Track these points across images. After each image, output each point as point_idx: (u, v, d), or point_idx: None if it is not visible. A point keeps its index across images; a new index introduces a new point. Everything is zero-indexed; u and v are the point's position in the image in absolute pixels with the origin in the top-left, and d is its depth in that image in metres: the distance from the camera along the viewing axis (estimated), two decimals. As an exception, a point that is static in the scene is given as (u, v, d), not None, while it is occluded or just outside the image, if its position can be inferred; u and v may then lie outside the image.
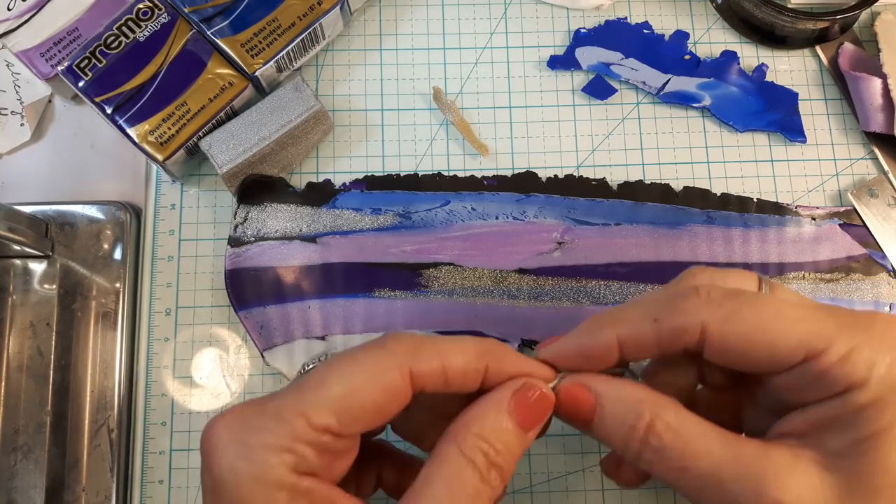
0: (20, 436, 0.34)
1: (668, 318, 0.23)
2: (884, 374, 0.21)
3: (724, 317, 0.23)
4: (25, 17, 0.37)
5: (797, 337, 0.22)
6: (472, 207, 0.37)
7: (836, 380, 0.22)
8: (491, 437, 0.23)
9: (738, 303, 0.23)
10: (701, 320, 0.23)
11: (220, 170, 0.35)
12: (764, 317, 0.22)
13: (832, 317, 0.23)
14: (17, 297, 0.35)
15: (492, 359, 0.24)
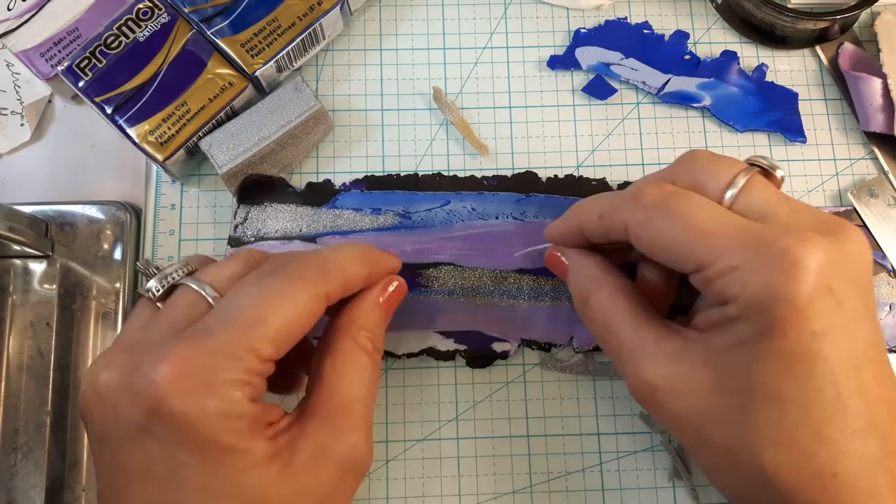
0: (20, 436, 0.34)
1: (607, 217, 0.28)
2: (754, 294, 0.24)
3: (641, 221, 0.27)
4: (25, 17, 0.37)
5: (692, 248, 0.25)
6: (472, 207, 0.37)
7: (716, 291, 0.25)
8: (372, 326, 0.29)
9: (658, 211, 0.26)
10: (625, 221, 0.27)
11: (220, 170, 0.35)
12: (672, 227, 0.26)
13: (736, 234, 0.25)
14: (17, 297, 0.35)
15: (372, 264, 0.29)
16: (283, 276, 0.26)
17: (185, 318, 0.26)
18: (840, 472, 0.24)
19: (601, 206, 0.29)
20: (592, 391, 0.36)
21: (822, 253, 0.24)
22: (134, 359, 0.24)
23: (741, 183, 0.27)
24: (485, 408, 0.36)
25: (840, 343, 0.24)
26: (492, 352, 0.35)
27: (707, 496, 0.35)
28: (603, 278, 0.29)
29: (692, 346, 0.26)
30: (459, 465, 0.35)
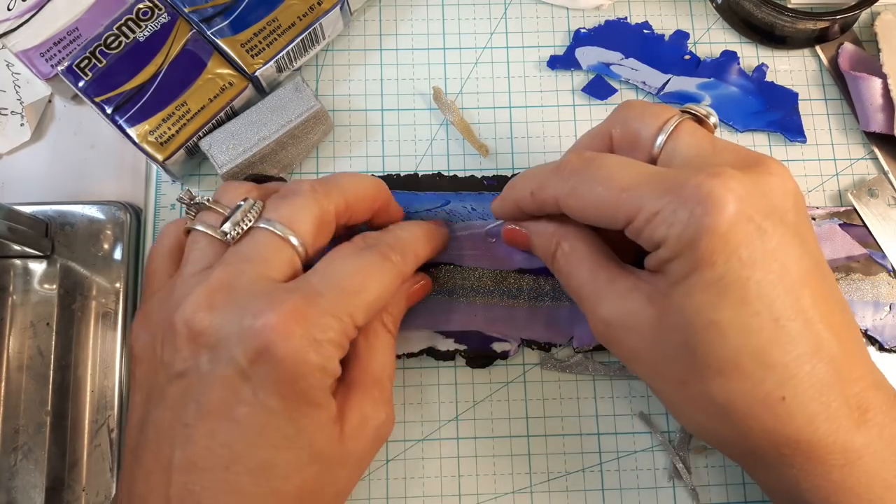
0: (20, 436, 0.34)
1: (537, 192, 0.29)
2: (679, 232, 0.25)
3: (568, 192, 0.28)
4: (25, 17, 0.37)
5: (616, 205, 0.26)
6: (472, 207, 0.37)
7: (646, 239, 0.26)
8: (396, 313, 0.32)
9: (579, 179, 0.27)
10: (554, 195, 0.28)
11: (220, 170, 0.35)
12: (595, 190, 0.27)
13: (652, 183, 0.26)
14: (17, 297, 0.35)
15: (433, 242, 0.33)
16: (378, 254, 0.29)
17: (277, 266, 0.27)
18: (789, 396, 0.25)
19: (531, 184, 0.30)
20: (592, 391, 0.36)
21: (736, 184, 0.25)
22: (238, 301, 0.25)
23: (670, 128, 0.28)
24: (485, 408, 0.36)
25: (770, 268, 0.25)
26: (492, 352, 0.35)
27: (707, 496, 0.35)
28: (562, 231, 0.30)
29: (641, 285, 0.27)
30: (459, 464, 0.35)
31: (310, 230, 0.28)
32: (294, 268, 0.28)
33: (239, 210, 0.28)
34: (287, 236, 0.27)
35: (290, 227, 0.27)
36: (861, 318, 0.36)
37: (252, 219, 0.28)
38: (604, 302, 0.28)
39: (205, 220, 0.29)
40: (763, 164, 0.27)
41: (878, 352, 0.36)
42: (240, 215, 0.28)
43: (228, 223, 0.28)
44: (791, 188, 0.27)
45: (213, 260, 0.28)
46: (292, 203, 0.28)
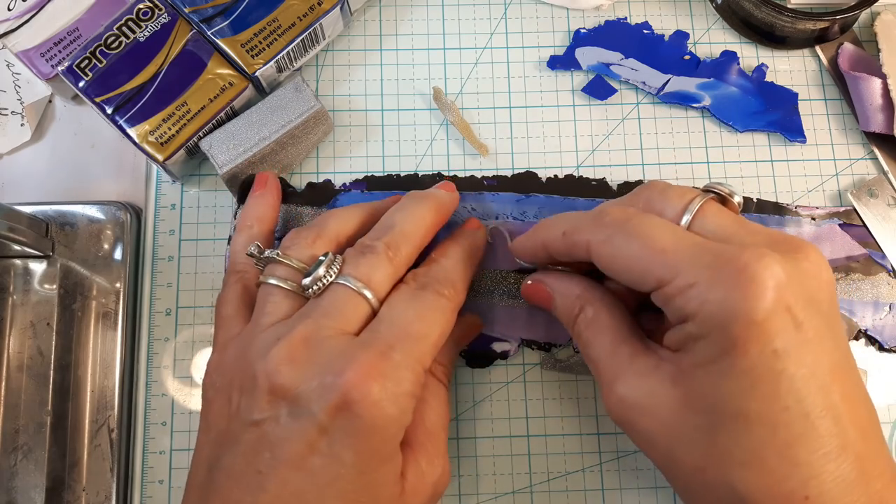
0: (20, 436, 0.34)
1: (570, 234, 0.29)
2: (712, 311, 0.24)
3: (602, 240, 0.27)
4: (26, 17, 0.37)
5: (650, 266, 0.26)
6: (472, 207, 0.37)
7: (675, 309, 0.25)
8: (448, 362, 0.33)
9: (617, 229, 0.27)
10: (587, 240, 0.28)
11: (220, 170, 0.35)
12: (631, 246, 0.26)
13: (694, 251, 0.25)
14: (17, 297, 0.35)
15: None
16: (433, 294, 0.29)
17: (354, 321, 0.28)
18: (813, 496, 0.23)
19: (565, 224, 0.29)
20: (592, 391, 0.36)
21: (778, 269, 0.24)
22: (319, 357, 0.26)
23: (695, 208, 0.27)
24: (485, 408, 0.36)
25: (804, 362, 0.24)
26: (492, 352, 0.35)
27: (707, 496, 0.35)
28: (587, 296, 0.30)
29: (663, 365, 0.26)
30: (459, 464, 0.35)
31: (384, 287, 0.29)
32: (368, 319, 0.29)
33: (321, 265, 0.29)
34: (364, 293, 0.28)
35: (367, 285, 0.28)
36: (861, 319, 0.36)
37: (333, 274, 0.29)
38: (622, 379, 0.27)
39: (276, 274, 0.30)
40: (801, 249, 0.26)
41: (878, 352, 0.36)
42: (322, 271, 0.29)
43: (310, 278, 0.29)
44: (827, 277, 0.26)
45: (288, 312, 0.29)
46: (370, 262, 0.29)
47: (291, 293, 0.29)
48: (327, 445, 0.25)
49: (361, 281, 0.28)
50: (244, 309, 0.31)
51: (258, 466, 0.26)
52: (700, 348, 0.25)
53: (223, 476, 0.26)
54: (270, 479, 0.25)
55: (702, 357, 0.25)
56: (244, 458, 0.26)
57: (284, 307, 0.29)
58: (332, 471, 0.26)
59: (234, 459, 0.26)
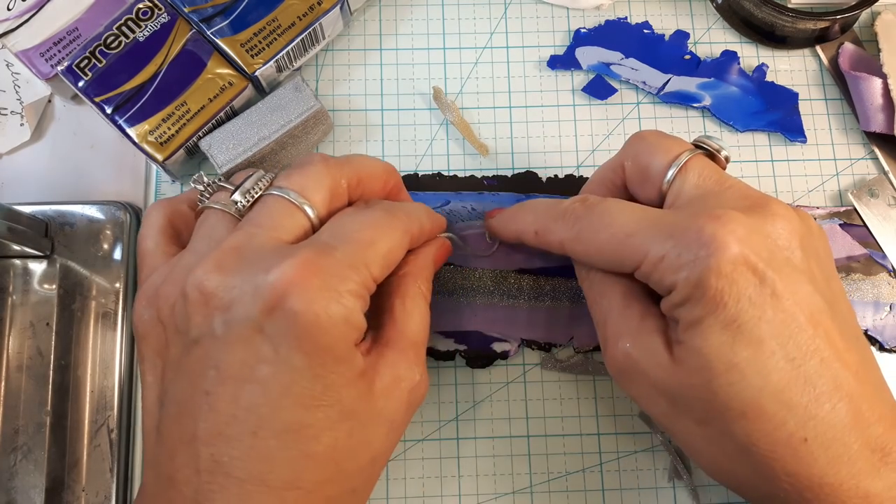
0: (20, 436, 0.34)
1: (542, 235, 0.30)
2: (685, 276, 0.25)
3: (573, 237, 0.29)
4: (25, 16, 0.37)
5: (622, 252, 0.27)
6: (472, 207, 0.37)
7: (657, 284, 0.26)
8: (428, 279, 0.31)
9: (584, 224, 0.28)
10: (559, 239, 0.29)
11: (219, 170, 0.35)
12: (598, 237, 0.28)
13: (655, 227, 0.26)
14: (16, 297, 0.35)
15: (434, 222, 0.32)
16: (382, 211, 0.28)
17: (289, 229, 0.26)
18: (811, 438, 0.24)
19: (535, 224, 0.30)
20: (592, 391, 0.36)
21: (736, 226, 0.25)
22: (250, 261, 0.24)
23: (681, 163, 0.28)
24: (485, 408, 0.36)
25: (780, 308, 0.25)
26: (492, 352, 0.35)
27: (707, 496, 0.35)
28: None
29: (664, 329, 0.27)
30: (459, 465, 0.35)
31: (323, 199, 0.27)
32: (306, 233, 0.27)
33: (248, 179, 0.27)
34: (299, 203, 0.27)
35: (302, 194, 0.27)
36: (861, 319, 0.36)
37: (263, 187, 0.27)
38: (629, 337, 0.28)
39: (218, 200, 0.28)
40: (768, 205, 0.27)
41: (878, 352, 0.36)
42: (250, 184, 0.27)
43: (238, 193, 0.27)
44: (797, 228, 0.26)
45: (224, 234, 0.27)
46: (304, 172, 0.27)
47: (229, 216, 0.27)
48: (272, 351, 0.24)
49: (294, 190, 0.27)
50: (167, 241, 0.29)
51: (204, 387, 0.24)
52: (686, 312, 0.26)
53: (173, 408, 0.25)
54: (220, 398, 0.24)
55: (688, 320, 0.25)
56: (190, 383, 0.24)
57: (220, 229, 0.27)
58: (283, 378, 0.24)
59: (180, 387, 0.25)
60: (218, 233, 0.27)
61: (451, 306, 0.35)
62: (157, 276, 0.27)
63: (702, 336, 0.25)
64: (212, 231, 0.27)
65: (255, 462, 0.24)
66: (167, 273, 0.27)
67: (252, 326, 0.24)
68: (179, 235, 0.30)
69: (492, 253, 0.36)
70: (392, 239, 0.27)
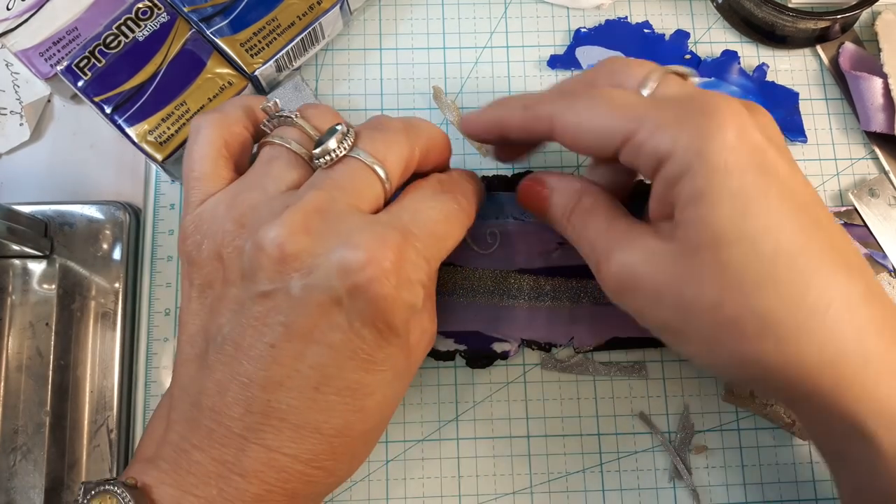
0: (19, 436, 0.34)
1: (531, 107, 0.29)
2: (686, 144, 0.24)
3: (564, 108, 0.28)
4: (25, 16, 0.37)
5: (615, 122, 0.26)
6: (472, 207, 0.36)
7: (649, 155, 0.26)
8: None
9: (579, 97, 0.28)
10: (549, 111, 0.28)
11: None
12: (593, 106, 0.27)
13: (652, 102, 0.26)
14: (16, 297, 0.35)
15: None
16: (454, 201, 0.29)
17: (367, 198, 0.27)
18: (835, 305, 0.24)
19: (525, 98, 0.30)
20: (593, 391, 0.36)
21: (739, 106, 0.25)
22: (335, 229, 0.25)
23: (657, 77, 0.28)
24: (485, 408, 0.35)
25: (786, 182, 0.25)
26: (492, 352, 0.35)
27: (707, 497, 0.34)
28: (586, 188, 0.30)
29: (657, 226, 0.27)
30: (459, 465, 0.35)
31: (398, 168, 0.27)
32: (378, 203, 0.27)
33: (334, 135, 0.27)
34: (377, 170, 0.27)
35: (382, 162, 0.27)
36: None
37: (347, 147, 0.27)
38: (620, 247, 0.27)
39: (290, 136, 0.28)
40: (755, 106, 0.27)
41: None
42: (335, 141, 0.26)
43: (320, 147, 0.27)
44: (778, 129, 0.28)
45: (297, 180, 0.27)
46: (386, 138, 0.27)
47: (301, 160, 0.27)
48: (346, 322, 0.25)
49: (375, 158, 0.27)
50: (224, 164, 0.28)
51: (270, 339, 0.25)
52: (686, 186, 0.25)
53: (229, 347, 0.25)
54: (285, 352, 0.25)
55: (689, 193, 0.25)
56: (253, 330, 0.25)
57: (292, 174, 0.27)
58: (352, 345, 0.25)
59: (241, 331, 0.25)
60: (290, 178, 0.27)
61: (451, 306, 0.35)
62: (219, 205, 0.27)
63: (707, 207, 0.24)
64: (282, 174, 0.27)
65: (313, 413, 0.25)
66: (229, 204, 0.26)
67: (331, 296, 0.24)
68: (235, 159, 0.29)
69: (492, 252, 0.36)
70: (460, 232, 0.29)
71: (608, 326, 0.35)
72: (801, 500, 0.35)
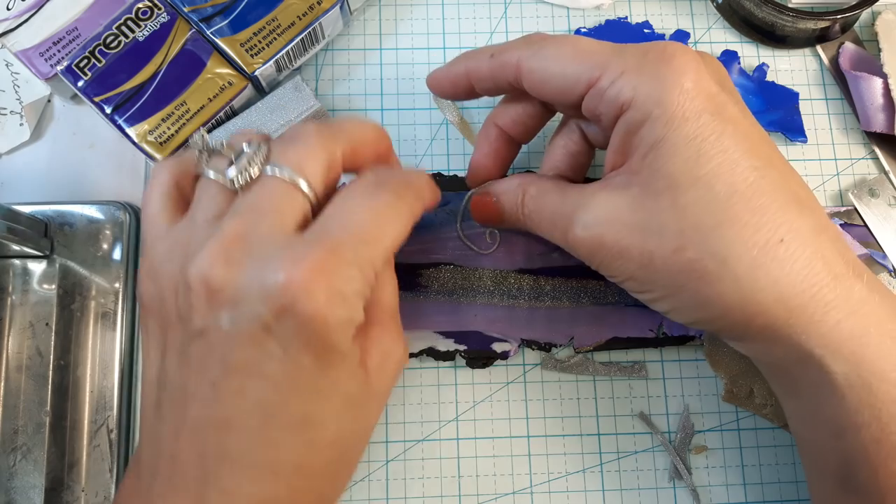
0: (19, 436, 0.34)
1: (499, 55, 0.29)
2: (648, 91, 0.26)
3: (532, 53, 0.28)
4: (25, 16, 0.37)
5: (580, 67, 0.27)
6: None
7: (610, 101, 0.26)
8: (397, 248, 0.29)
9: (546, 42, 0.28)
10: (517, 57, 0.29)
11: (219, 170, 0.35)
12: (560, 52, 0.28)
13: (616, 50, 0.27)
14: (16, 297, 0.35)
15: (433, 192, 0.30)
16: (392, 195, 0.27)
17: (289, 214, 0.25)
18: (787, 239, 0.25)
19: (493, 47, 0.30)
20: (593, 391, 0.36)
21: (695, 54, 0.26)
22: (256, 255, 0.24)
23: None
24: (485, 408, 0.35)
25: (739, 119, 0.26)
26: (492, 352, 0.35)
27: (707, 496, 0.34)
28: (527, 179, 0.31)
29: (611, 181, 0.28)
30: (459, 465, 0.35)
31: (320, 175, 0.26)
32: (306, 215, 0.26)
33: (244, 155, 0.26)
34: (298, 183, 0.25)
35: (300, 173, 0.26)
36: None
37: (259, 163, 0.26)
38: (578, 209, 0.28)
39: (216, 167, 0.27)
40: (706, 55, 0.28)
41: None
42: (245, 161, 0.26)
43: (233, 168, 0.26)
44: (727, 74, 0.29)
45: (224, 208, 0.26)
46: (299, 147, 0.26)
47: (226, 189, 0.26)
48: (280, 349, 0.24)
49: (292, 168, 0.25)
50: (173, 206, 0.28)
51: (210, 378, 0.24)
52: (645, 133, 0.26)
53: (176, 392, 0.25)
54: (226, 390, 0.24)
55: (649, 140, 0.26)
56: (195, 371, 0.24)
57: (220, 202, 0.26)
58: (291, 374, 0.24)
59: (185, 373, 0.25)
60: (216, 207, 0.26)
61: (451, 306, 0.35)
62: (161, 248, 0.27)
63: (665, 154, 0.26)
64: (212, 204, 0.26)
65: (263, 451, 0.24)
66: (170, 246, 0.26)
67: (260, 325, 0.24)
68: (186, 199, 0.28)
69: (492, 252, 0.36)
70: (399, 230, 0.27)
71: (608, 326, 0.35)
72: (801, 500, 0.35)
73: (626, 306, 0.35)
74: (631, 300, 0.35)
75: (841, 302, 0.25)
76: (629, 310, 0.35)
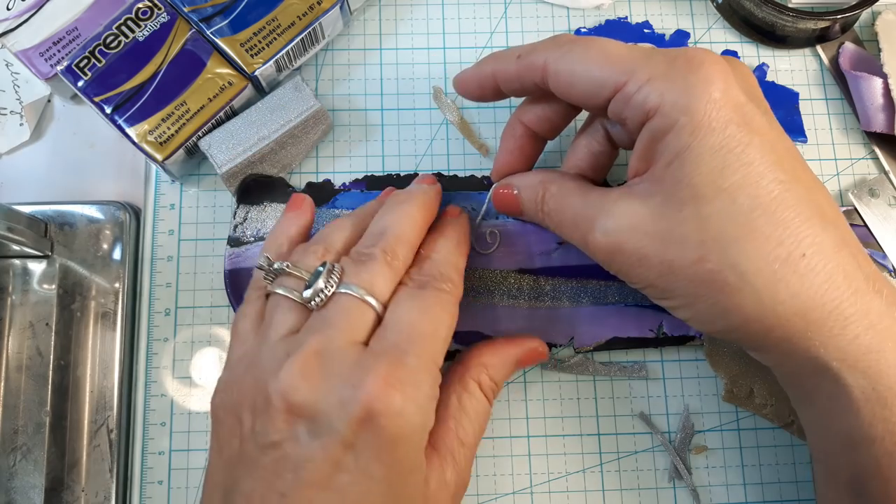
0: (19, 436, 0.34)
1: (525, 56, 0.29)
2: (674, 98, 0.25)
3: (560, 56, 0.28)
4: (25, 16, 0.37)
5: (607, 71, 0.27)
6: (473, 207, 0.37)
7: (636, 107, 0.26)
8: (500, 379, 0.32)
9: (574, 44, 0.28)
10: (544, 59, 0.29)
11: (219, 170, 0.35)
12: (587, 55, 0.28)
13: (644, 55, 0.27)
14: (16, 297, 0.35)
15: None
16: (433, 290, 0.28)
17: (362, 330, 0.27)
18: (809, 254, 0.25)
19: (520, 49, 0.30)
20: (593, 391, 0.36)
21: (723, 61, 0.26)
22: (333, 371, 0.25)
23: None
24: (485, 408, 0.35)
25: (767, 131, 0.26)
26: (492, 352, 0.35)
27: (707, 496, 0.34)
28: (548, 177, 0.31)
29: (637, 186, 0.27)
30: (459, 465, 0.35)
31: (387, 292, 0.28)
32: (375, 327, 0.28)
33: (320, 277, 0.28)
34: (368, 300, 0.27)
35: (370, 291, 0.27)
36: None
37: (334, 284, 0.28)
38: (600, 214, 0.28)
39: (285, 284, 0.29)
40: (735, 60, 0.28)
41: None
42: (322, 282, 0.27)
43: (310, 290, 0.28)
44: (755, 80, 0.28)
45: (296, 324, 0.28)
46: (370, 269, 0.28)
47: (299, 305, 0.28)
48: (353, 461, 0.25)
49: (364, 288, 0.27)
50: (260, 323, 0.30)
51: (280, 489, 0.25)
52: (670, 141, 0.26)
53: (242, 501, 0.25)
54: (295, 502, 0.25)
55: (674, 148, 0.26)
56: (264, 482, 0.25)
57: (292, 319, 0.28)
58: (361, 487, 0.25)
59: (253, 483, 0.25)
60: (290, 322, 0.28)
61: (451, 306, 0.35)
62: (243, 364, 0.28)
63: (689, 164, 0.25)
64: (284, 321, 0.28)
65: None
66: (251, 363, 0.27)
67: (337, 438, 0.25)
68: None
69: (492, 252, 0.36)
70: (448, 321, 0.28)
71: (608, 326, 0.35)
72: (800, 500, 0.35)
73: (626, 306, 0.35)
74: (631, 300, 0.35)
75: (860, 316, 0.25)
76: (629, 310, 0.35)
